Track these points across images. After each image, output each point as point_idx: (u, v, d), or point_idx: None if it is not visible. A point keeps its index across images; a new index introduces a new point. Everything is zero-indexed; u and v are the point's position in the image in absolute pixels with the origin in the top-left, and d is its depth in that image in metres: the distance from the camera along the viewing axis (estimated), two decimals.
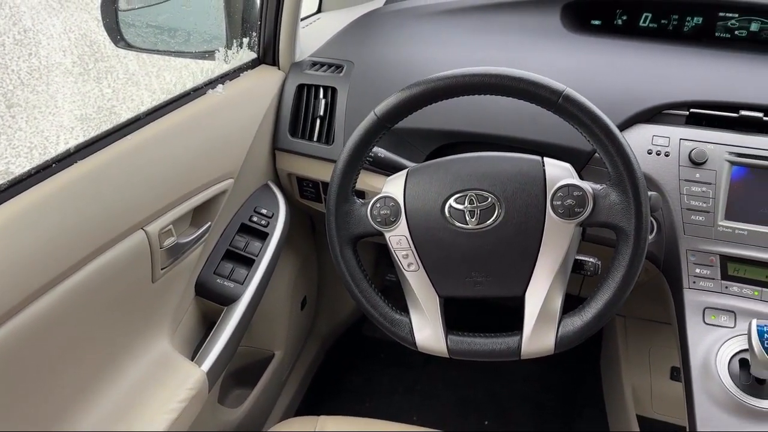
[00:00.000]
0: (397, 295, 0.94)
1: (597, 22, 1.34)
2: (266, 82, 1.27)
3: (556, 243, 0.83)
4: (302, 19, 1.53)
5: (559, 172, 0.85)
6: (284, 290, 1.50)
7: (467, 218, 0.85)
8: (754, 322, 0.84)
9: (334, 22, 1.45)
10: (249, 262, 1.16)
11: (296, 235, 1.53)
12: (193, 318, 1.14)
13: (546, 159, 0.86)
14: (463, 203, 0.85)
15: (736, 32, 1.28)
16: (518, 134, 1.09)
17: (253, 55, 1.31)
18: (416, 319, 0.90)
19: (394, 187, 0.90)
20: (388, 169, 1.00)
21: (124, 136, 0.94)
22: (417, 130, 1.13)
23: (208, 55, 1.25)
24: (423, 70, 0.89)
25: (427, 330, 0.89)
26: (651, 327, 1.54)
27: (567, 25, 1.27)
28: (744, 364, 0.90)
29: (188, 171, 1.03)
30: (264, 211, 1.22)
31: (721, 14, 1.26)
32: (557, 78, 0.82)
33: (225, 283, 1.13)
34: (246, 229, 1.19)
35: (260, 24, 1.27)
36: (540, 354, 0.86)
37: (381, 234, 0.90)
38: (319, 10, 1.67)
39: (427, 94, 0.85)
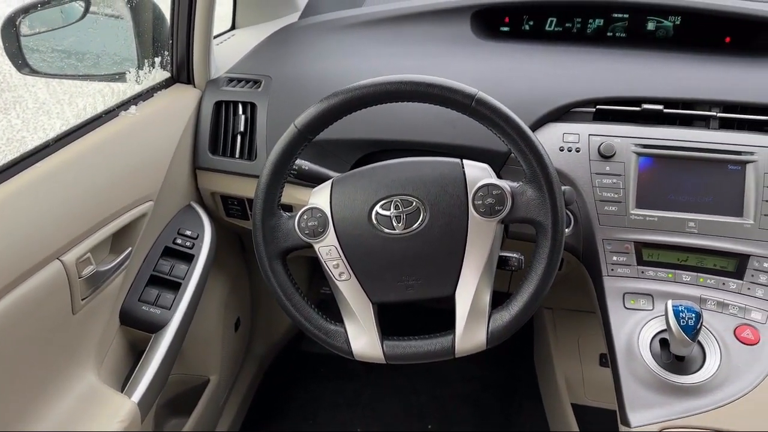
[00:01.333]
0: (334, 309, 0.94)
1: (506, 29, 1.39)
2: (182, 101, 1.24)
3: (481, 241, 0.86)
4: (216, 36, 1.52)
5: (478, 173, 0.87)
6: (215, 312, 1.46)
7: (394, 224, 0.86)
8: (670, 302, 0.89)
9: (249, 38, 1.44)
10: (175, 286, 1.13)
11: (225, 254, 1.50)
12: (120, 348, 1.10)
13: (465, 161, 0.88)
14: (389, 209, 0.86)
15: (635, 31, 1.36)
16: (438, 139, 1.11)
17: (167, 75, 1.28)
18: (351, 328, 0.90)
19: (320, 198, 0.90)
20: (313, 180, 1.00)
21: (34, 163, 0.90)
22: (339, 141, 1.14)
23: (119, 76, 1.22)
24: (341, 81, 0.90)
25: (363, 338, 0.90)
26: (578, 317, 1.60)
27: (477, 32, 1.32)
28: (664, 343, 0.95)
29: (104, 196, 0.99)
30: (188, 233, 1.19)
31: (618, 15, 1.34)
32: (470, 83, 0.85)
33: (151, 309, 1.09)
34: (170, 252, 1.16)
35: (172, 43, 1.25)
36: (473, 350, 0.88)
37: (310, 246, 0.90)
38: (233, 27, 1.66)
39: (345, 104, 0.86)
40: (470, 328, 0.87)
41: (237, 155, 1.22)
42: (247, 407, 1.75)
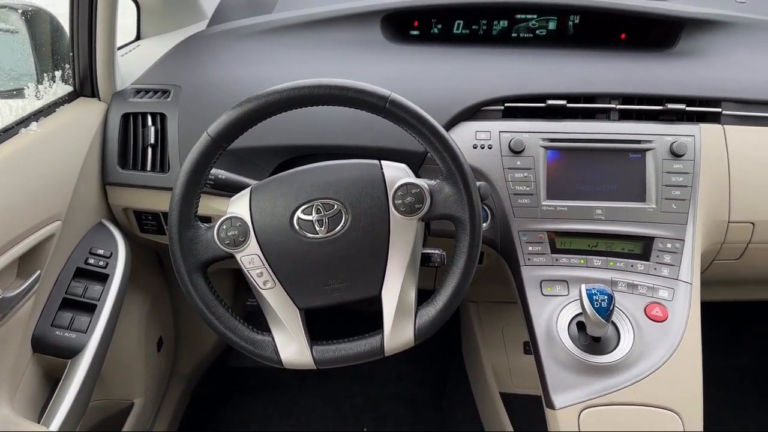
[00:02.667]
0: (262, 320, 0.92)
1: (415, 32, 1.42)
2: (86, 115, 1.19)
3: (403, 240, 0.87)
4: (120, 48, 1.46)
5: (396, 173, 0.89)
6: (136, 332, 1.40)
7: (316, 228, 0.86)
8: (583, 287, 0.94)
9: (156, 47, 1.40)
10: (90, 308, 1.08)
11: (142, 272, 1.45)
12: (34, 376, 1.04)
13: (383, 162, 0.90)
14: (311, 214, 0.86)
15: (537, 31, 1.42)
16: (356, 142, 1.12)
17: (69, 89, 1.22)
18: (279, 337, 0.89)
19: (238, 206, 0.89)
20: (230, 190, 0.98)
21: None
22: (256, 148, 1.12)
23: (17, 93, 1.15)
24: (253, 88, 0.89)
25: (291, 346, 0.89)
26: (501, 308, 1.65)
27: (388, 36, 1.34)
28: (581, 326, 1.00)
29: (6, 218, 0.93)
30: (101, 252, 1.14)
31: (521, 16, 1.39)
32: (383, 86, 0.86)
33: (65, 334, 1.04)
34: (83, 273, 1.10)
35: (72, 55, 1.19)
36: (402, 348, 0.89)
37: (231, 256, 0.88)
38: (138, 38, 1.60)
39: (258, 110, 0.85)
40: (398, 326, 0.88)
41: (149, 168, 1.18)
42: (175, 429, 1.69)
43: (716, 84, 1.18)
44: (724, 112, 1.15)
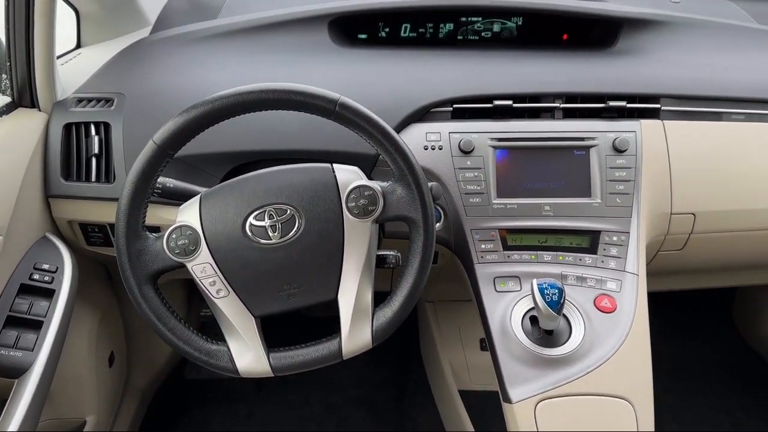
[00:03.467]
0: (217, 330, 0.91)
1: (363, 36, 1.43)
2: (26, 126, 1.15)
3: (358, 242, 0.87)
4: (60, 56, 1.42)
5: (349, 176, 0.89)
6: (85, 349, 1.36)
7: (269, 233, 0.85)
8: (535, 281, 0.96)
9: (97, 55, 1.36)
10: (37, 325, 1.04)
11: (90, 286, 1.41)
12: None
13: (335, 165, 0.90)
14: (263, 219, 0.86)
15: (483, 34, 1.45)
16: (307, 146, 1.12)
17: (7, 99, 1.18)
18: (235, 346, 0.88)
19: (188, 214, 0.87)
20: (179, 198, 0.96)
21: None
22: (205, 155, 1.11)
23: None
24: (199, 94, 0.88)
25: (248, 354, 0.88)
26: (457, 306, 1.67)
27: (336, 40, 1.34)
28: (534, 320, 1.02)
29: None
30: (46, 266, 1.10)
31: (466, 19, 1.42)
32: (333, 89, 0.86)
33: (11, 353, 1.00)
34: (27, 290, 1.07)
35: (9, 65, 1.15)
36: (360, 350, 0.89)
37: (182, 266, 0.87)
38: (78, 45, 1.55)
39: (206, 116, 0.84)
40: (355, 329, 0.88)
41: (93, 179, 1.15)
42: None
43: (655, 81, 1.22)
44: (662, 108, 1.19)
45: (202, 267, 0.86)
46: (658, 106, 1.19)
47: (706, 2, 1.57)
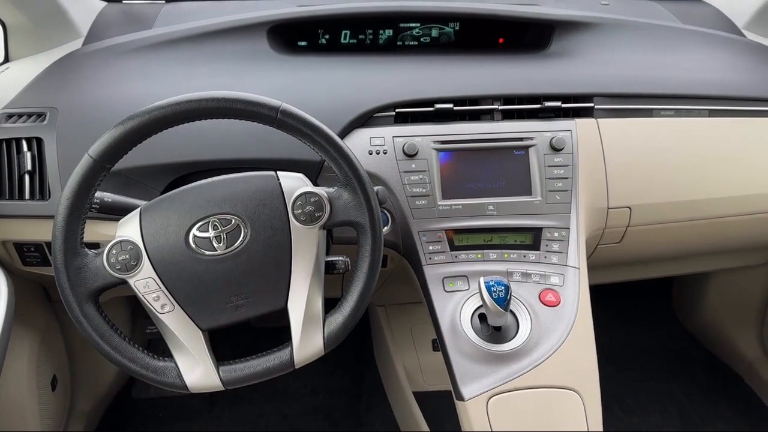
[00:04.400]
0: (164, 346, 0.88)
1: (303, 43, 1.43)
2: None
3: (306, 249, 0.87)
4: None
5: (294, 183, 0.88)
6: (26, 373, 1.30)
7: (214, 244, 0.84)
8: (482, 280, 0.98)
9: (27, 69, 1.31)
10: None
11: (28, 308, 1.35)
12: None
13: (280, 173, 0.89)
14: (207, 230, 0.84)
15: (422, 39, 1.47)
16: (250, 155, 1.11)
17: None
18: (183, 361, 0.86)
19: (128, 229, 0.85)
20: (119, 213, 0.93)
21: None
22: (144, 168, 1.08)
23: None
24: (136, 106, 0.86)
25: (196, 369, 0.86)
26: (409, 309, 1.68)
27: (276, 48, 1.33)
28: (483, 317, 1.04)
29: None
30: None
31: (405, 25, 1.44)
32: (274, 97, 0.85)
33: None
34: None
35: None
36: (313, 357, 0.88)
37: (124, 282, 0.84)
38: (6, 59, 1.49)
39: (143, 127, 0.82)
40: (307, 336, 0.87)
41: (27, 197, 1.10)
42: None
43: (587, 81, 1.27)
44: (596, 106, 1.23)
45: (144, 282, 0.84)
46: (591, 105, 1.23)
47: (633, 4, 1.64)
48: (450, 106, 1.18)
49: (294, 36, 1.41)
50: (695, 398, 1.89)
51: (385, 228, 1.13)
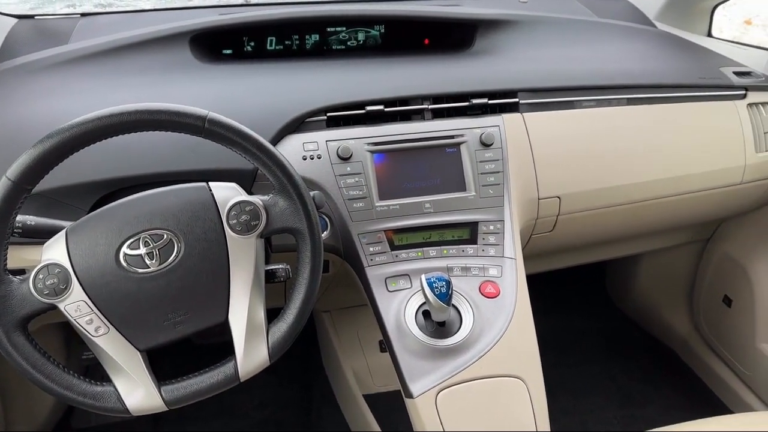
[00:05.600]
0: (103, 371, 0.85)
1: (228, 51, 1.41)
2: None
3: (244, 260, 0.86)
4: None
5: (227, 193, 0.87)
6: None
7: (147, 261, 0.82)
8: (423, 277, 0.99)
9: None
10: None
11: None
12: None
13: (211, 183, 0.87)
14: (138, 247, 0.82)
15: (349, 43, 1.48)
16: (179, 167, 1.08)
17: None
18: (122, 384, 0.83)
19: (54, 251, 0.81)
20: (43, 236, 0.89)
21: None
22: (68, 187, 1.04)
23: None
24: (54, 124, 0.82)
25: (137, 391, 0.83)
26: (354, 312, 1.68)
27: (199, 57, 1.31)
28: (426, 314, 1.05)
29: None
30: None
31: (331, 29, 1.44)
32: (201, 107, 0.84)
33: None
34: None
35: None
36: (258, 369, 0.87)
37: (54, 307, 0.80)
38: None
39: (63, 145, 0.79)
40: (250, 348, 0.86)
41: None
42: None
43: (511, 77, 1.31)
44: (521, 101, 1.27)
45: (75, 306, 0.80)
46: (516, 100, 1.27)
47: (551, 0, 1.70)
48: (381, 107, 1.19)
49: (218, 44, 1.38)
50: (634, 377, 1.97)
51: (325, 233, 1.13)
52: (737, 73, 1.47)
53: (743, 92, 1.44)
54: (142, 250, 0.81)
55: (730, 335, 1.77)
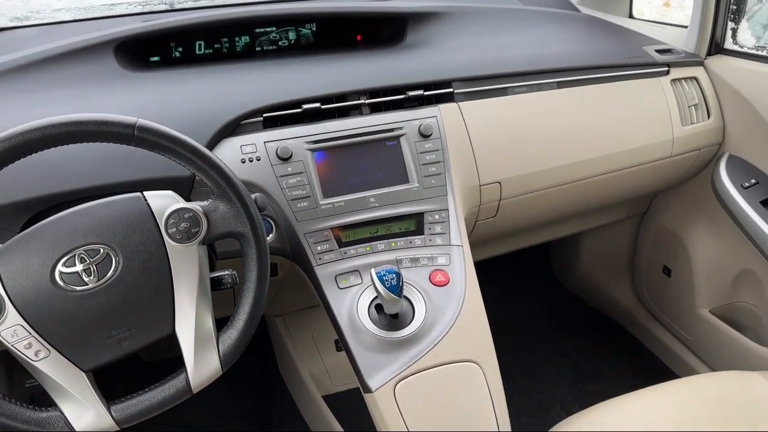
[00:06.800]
0: (49, 398, 0.81)
1: (156, 59, 1.37)
2: None
3: (187, 269, 0.84)
4: None
5: (164, 201, 0.84)
6: None
7: (84, 278, 0.79)
8: (373, 271, 0.98)
9: None
10: None
11: None
12: None
13: (146, 193, 0.85)
14: (74, 264, 0.79)
15: (280, 42, 1.46)
16: (112, 179, 1.04)
17: None
18: (69, 408, 0.80)
19: None
20: None
21: None
22: None
23: None
24: None
25: (86, 413, 0.80)
26: (308, 314, 1.67)
27: (126, 66, 1.27)
28: (379, 308, 1.05)
29: None
30: None
31: (259, 30, 1.42)
32: (131, 116, 0.81)
33: None
34: None
35: None
36: (211, 379, 0.85)
37: None
38: None
39: None
40: (201, 359, 0.84)
41: None
42: None
43: (445, 68, 1.32)
44: (455, 91, 1.28)
45: (12, 331, 0.76)
46: (451, 90, 1.28)
47: None
48: (318, 105, 1.18)
49: (145, 52, 1.35)
50: (584, 352, 2.03)
51: (270, 235, 1.11)
52: (659, 51, 1.54)
53: (666, 69, 1.50)
54: (79, 267, 0.78)
55: (672, 303, 1.84)
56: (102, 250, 0.80)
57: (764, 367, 1.39)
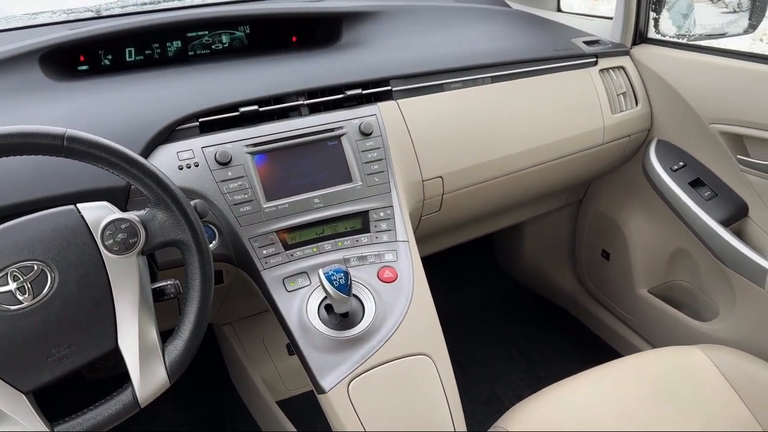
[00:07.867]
0: None
1: (84, 67, 1.32)
2: None
3: (127, 281, 0.82)
4: None
5: (99, 213, 0.82)
6: None
7: (19, 297, 0.76)
8: (321, 271, 0.98)
9: None
10: None
11: None
12: None
13: (80, 205, 0.82)
14: (7, 283, 0.75)
15: (213, 46, 1.44)
16: (44, 193, 1.00)
17: None
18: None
19: None
20: None
21: None
22: None
23: None
24: None
25: None
26: (257, 320, 1.65)
27: (52, 76, 1.22)
28: (329, 308, 1.05)
29: None
30: None
31: (191, 34, 1.39)
32: (60, 126, 0.78)
33: None
34: None
35: None
36: (159, 391, 0.83)
37: None
38: None
39: None
40: (147, 371, 0.82)
41: None
42: None
43: (381, 66, 1.33)
44: (393, 89, 1.29)
45: None
46: (389, 88, 1.29)
47: None
48: (255, 107, 1.17)
49: (72, 61, 1.30)
50: (532, 338, 2.08)
51: (213, 242, 1.09)
52: (587, 42, 1.59)
53: (594, 59, 1.56)
54: (12, 286, 0.75)
55: (612, 286, 1.91)
56: (36, 267, 0.77)
57: (702, 341, 1.46)
